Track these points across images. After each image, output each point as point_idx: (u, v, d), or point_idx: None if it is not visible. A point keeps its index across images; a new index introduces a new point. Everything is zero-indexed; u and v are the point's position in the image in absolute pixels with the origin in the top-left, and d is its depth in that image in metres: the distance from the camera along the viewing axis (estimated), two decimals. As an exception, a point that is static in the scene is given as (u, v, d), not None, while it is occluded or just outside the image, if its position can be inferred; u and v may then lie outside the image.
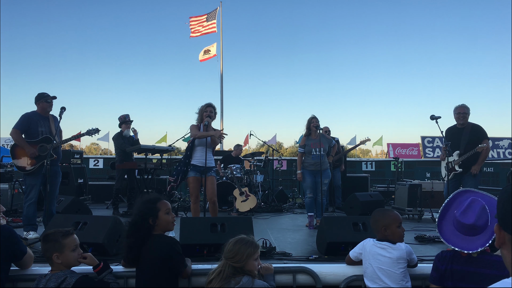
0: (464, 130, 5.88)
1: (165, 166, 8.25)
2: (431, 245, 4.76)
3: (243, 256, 2.65)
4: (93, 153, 46.12)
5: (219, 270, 2.65)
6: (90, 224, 3.96)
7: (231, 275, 2.61)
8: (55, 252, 2.75)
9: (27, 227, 5.09)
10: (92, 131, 5.59)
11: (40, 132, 5.24)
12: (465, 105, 5.95)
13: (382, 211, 3.24)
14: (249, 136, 13.04)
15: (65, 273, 2.70)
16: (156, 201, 3.03)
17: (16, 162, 5.18)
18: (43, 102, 5.29)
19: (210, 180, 5.40)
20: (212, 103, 5.62)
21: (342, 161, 9.00)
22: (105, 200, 9.55)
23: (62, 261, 2.76)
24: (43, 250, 2.86)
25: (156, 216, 2.96)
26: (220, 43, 14.08)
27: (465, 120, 5.91)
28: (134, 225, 2.96)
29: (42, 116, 5.31)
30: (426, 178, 13.32)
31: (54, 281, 2.65)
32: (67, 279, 2.65)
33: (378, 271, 3.00)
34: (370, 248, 3.10)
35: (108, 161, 12.65)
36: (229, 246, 2.69)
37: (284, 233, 5.61)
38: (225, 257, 2.67)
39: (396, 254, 3.00)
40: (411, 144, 18.35)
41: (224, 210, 8.12)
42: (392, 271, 2.96)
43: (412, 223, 6.67)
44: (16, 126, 5.16)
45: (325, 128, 8.84)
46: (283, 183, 12.06)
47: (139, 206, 3.02)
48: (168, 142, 17.63)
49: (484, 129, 5.93)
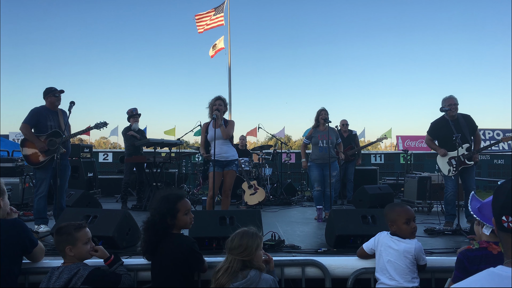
0: (460, 122, 5.66)
1: (173, 160, 8.28)
2: (440, 238, 4.73)
3: (253, 249, 2.66)
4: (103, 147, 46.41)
5: (227, 266, 2.62)
6: (100, 217, 3.99)
7: (239, 270, 2.61)
8: (68, 245, 2.79)
9: (38, 220, 5.15)
10: (100, 124, 5.62)
11: (49, 126, 5.28)
12: (454, 96, 5.73)
13: (391, 205, 3.22)
14: (257, 129, 13.02)
15: (78, 265, 2.73)
16: (177, 201, 2.95)
17: (25, 156, 5.24)
18: (51, 96, 5.32)
19: (229, 174, 5.44)
20: (221, 96, 5.62)
21: (359, 155, 8.97)
22: (115, 193, 9.62)
23: (74, 254, 2.80)
24: (56, 242, 2.89)
25: (174, 217, 2.92)
26: (228, 36, 14.02)
27: (456, 111, 5.71)
28: (151, 222, 2.92)
29: (51, 111, 5.35)
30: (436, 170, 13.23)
31: (67, 273, 2.68)
32: (80, 271, 2.68)
33: (386, 263, 2.99)
34: (383, 240, 3.10)
35: (117, 155, 12.74)
36: (236, 241, 2.67)
37: (293, 226, 5.61)
38: (233, 253, 2.64)
39: (403, 247, 2.98)
40: (421, 137, 18.24)
41: (232, 203, 8.13)
42: (398, 264, 2.96)
43: (422, 215, 6.63)
44: (25, 121, 5.21)
45: (343, 121, 8.82)
46: (291, 176, 12.06)
47: (159, 204, 2.94)
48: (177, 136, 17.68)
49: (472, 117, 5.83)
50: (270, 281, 2.68)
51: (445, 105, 5.63)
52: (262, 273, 2.67)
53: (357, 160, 8.82)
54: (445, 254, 3.75)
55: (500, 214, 1.25)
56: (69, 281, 2.65)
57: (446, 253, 3.79)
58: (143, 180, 7.85)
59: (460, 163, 5.54)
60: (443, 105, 5.64)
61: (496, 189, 1.33)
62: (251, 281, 2.58)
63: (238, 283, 2.57)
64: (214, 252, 3.65)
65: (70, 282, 2.65)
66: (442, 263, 3.35)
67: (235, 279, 2.58)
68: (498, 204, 1.28)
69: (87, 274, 2.68)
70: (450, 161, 5.61)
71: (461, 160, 5.54)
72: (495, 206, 1.30)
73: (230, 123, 5.66)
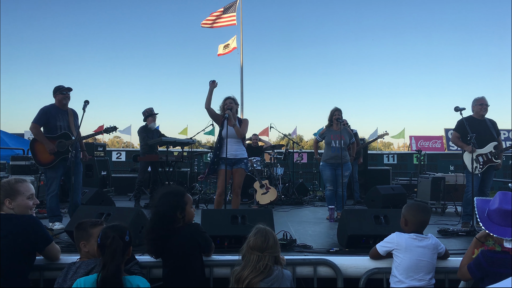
0: (487, 123, 5.74)
1: (186, 159, 8.32)
2: (454, 239, 4.68)
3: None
4: (116, 146, 46.84)
5: (259, 265, 2.58)
6: (114, 215, 4.03)
7: (270, 267, 2.62)
8: (83, 240, 2.85)
9: (52, 218, 5.20)
10: (110, 129, 5.68)
11: (59, 126, 5.28)
12: (485, 98, 5.82)
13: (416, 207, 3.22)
14: (269, 129, 13.01)
15: (95, 261, 2.75)
16: (183, 194, 3.03)
17: (34, 156, 5.27)
18: (59, 94, 5.33)
19: (239, 172, 5.44)
20: (231, 95, 5.62)
21: (361, 154, 8.91)
22: (128, 192, 9.70)
23: (88, 250, 2.84)
24: (74, 237, 2.99)
25: (184, 209, 2.97)
26: (240, 35, 14.01)
27: (486, 112, 5.79)
28: (162, 217, 2.93)
29: (60, 110, 5.36)
30: (450, 171, 13.09)
31: (84, 268, 2.71)
32: (96, 267, 2.68)
33: (418, 263, 2.98)
34: (405, 241, 3.05)
35: (130, 154, 12.85)
36: (272, 240, 2.67)
37: (304, 226, 5.60)
38: (270, 251, 2.64)
39: (429, 242, 3.07)
40: (434, 137, 18.03)
41: (244, 202, 8.14)
42: (429, 262, 3.01)
43: (436, 216, 6.57)
44: (34, 121, 5.22)
45: (344, 120, 8.74)
46: (303, 176, 12.03)
47: (167, 199, 2.96)
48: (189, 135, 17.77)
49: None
50: (290, 276, 2.76)
51: (476, 104, 5.79)
52: (282, 269, 2.71)
53: (358, 159, 8.76)
54: (459, 255, 3.70)
55: None
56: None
57: (460, 254, 3.73)
58: (157, 179, 7.90)
59: (487, 161, 5.58)
60: (473, 104, 5.83)
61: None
62: (277, 277, 2.61)
63: (267, 279, 2.58)
64: (226, 250, 3.66)
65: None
66: (456, 264, 3.30)
67: (262, 276, 2.58)
68: None
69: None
70: (478, 158, 5.58)
71: (489, 158, 5.58)
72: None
73: (244, 122, 5.64)
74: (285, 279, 2.66)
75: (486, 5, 78.39)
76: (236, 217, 3.98)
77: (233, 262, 3.04)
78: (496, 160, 5.56)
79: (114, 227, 2.59)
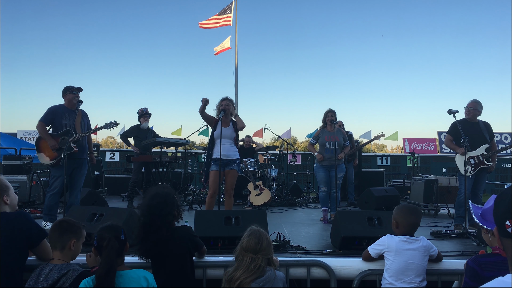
0: (480, 126, 5.78)
1: (180, 160, 8.29)
2: (447, 241, 4.69)
3: (272, 246, 2.73)
4: (109, 146, 46.61)
5: (252, 266, 2.59)
6: (107, 215, 4.00)
7: (262, 268, 2.61)
8: (74, 239, 2.75)
9: (46, 216, 5.15)
10: (111, 124, 5.62)
11: (64, 124, 5.29)
12: (477, 101, 5.87)
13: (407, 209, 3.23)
14: (263, 130, 13.00)
15: (69, 266, 2.67)
16: (174, 193, 3.07)
17: (39, 154, 5.29)
18: (69, 94, 5.34)
19: (231, 174, 5.44)
20: (227, 97, 5.64)
21: (356, 156, 8.93)
22: (121, 192, 9.66)
23: (75, 249, 2.76)
24: (59, 234, 2.75)
25: (179, 208, 3.03)
26: (235, 36, 14.03)
27: (471, 115, 5.84)
28: (156, 215, 2.92)
29: (68, 110, 5.35)
30: (443, 173, 13.16)
31: (56, 272, 2.61)
32: (70, 272, 2.62)
33: (407, 266, 2.99)
34: (396, 244, 3.06)
35: (124, 154, 12.78)
36: (265, 242, 2.67)
37: (298, 227, 5.60)
38: (264, 253, 2.63)
39: (420, 244, 3.06)
40: (428, 139, 18.14)
41: (238, 203, 8.13)
42: (419, 264, 3.00)
43: (428, 218, 6.59)
44: (41, 119, 5.27)
45: (339, 122, 8.75)
46: (297, 177, 12.04)
47: (165, 198, 2.96)
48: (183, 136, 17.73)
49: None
50: (283, 277, 2.76)
51: (471, 107, 5.82)
52: (275, 270, 2.71)
53: (354, 161, 8.78)
54: (451, 257, 3.72)
55: (503, 219, 1.23)
56: (57, 281, 2.58)
57: (453, 256, 3.76)
58: (150, 180, 7.87)
59: (479, 163, 5.59)
60: (472, 107, 5.85)
61: (496, 198, 1.31)
62: (269, 278, 2.61)
63: (259, 280, 2.58)
64: (219, 251, 3.66)
65: (58, 282, 2.58)
66: (449, 266, 3.33)
67: (254, 276, 2.58)
68: (499, 211, 1.26)
69: (77, 275, 2.61)
70: (469, 160, 5.60)
71: (480, 160, 5.60)
72: (497, 214, 1.28)
73: (237, 118, 5.69)
74: (278, 280, 2.66)
75: (483, 8, 79.05)
76: (229, 218, 3.97)
77: (227, 263, 3.04)
78: (488, 163, 5.60)
79: (109, 227, 2.58)
